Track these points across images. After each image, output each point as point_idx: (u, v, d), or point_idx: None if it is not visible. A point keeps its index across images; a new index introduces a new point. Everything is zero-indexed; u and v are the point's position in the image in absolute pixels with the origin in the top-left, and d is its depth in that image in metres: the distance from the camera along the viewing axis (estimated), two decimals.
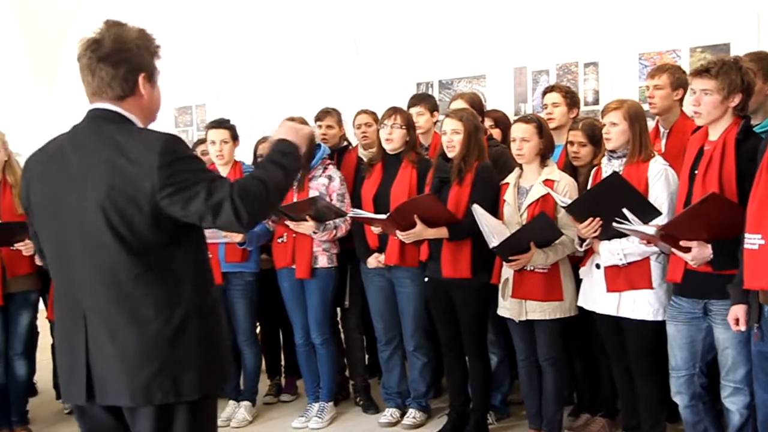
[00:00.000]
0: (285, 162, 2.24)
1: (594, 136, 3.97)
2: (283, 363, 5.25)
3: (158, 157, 2.05)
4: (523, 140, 3.84)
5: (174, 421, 2.17)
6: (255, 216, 2.13)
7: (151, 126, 2.29)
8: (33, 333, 4.63)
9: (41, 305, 4.66)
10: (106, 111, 2.19)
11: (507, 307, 3.89)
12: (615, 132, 3.57)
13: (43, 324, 4.58)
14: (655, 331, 3.48)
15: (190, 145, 5.95)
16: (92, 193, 2.09)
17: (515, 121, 4.06)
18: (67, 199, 2.15)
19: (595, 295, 3.66)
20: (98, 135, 2.15)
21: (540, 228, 3.69)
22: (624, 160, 3.57)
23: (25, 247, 4.25)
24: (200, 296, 2.21)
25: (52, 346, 4.22)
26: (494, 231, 3.74)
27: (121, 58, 2.15)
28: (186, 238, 2.19)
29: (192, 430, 2.19)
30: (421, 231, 3.96)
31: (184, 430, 2.18)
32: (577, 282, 3.83)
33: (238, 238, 4.38)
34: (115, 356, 2.12)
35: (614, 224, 3.19)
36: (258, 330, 4.92)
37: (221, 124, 4.59)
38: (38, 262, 4.28)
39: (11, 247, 4.26)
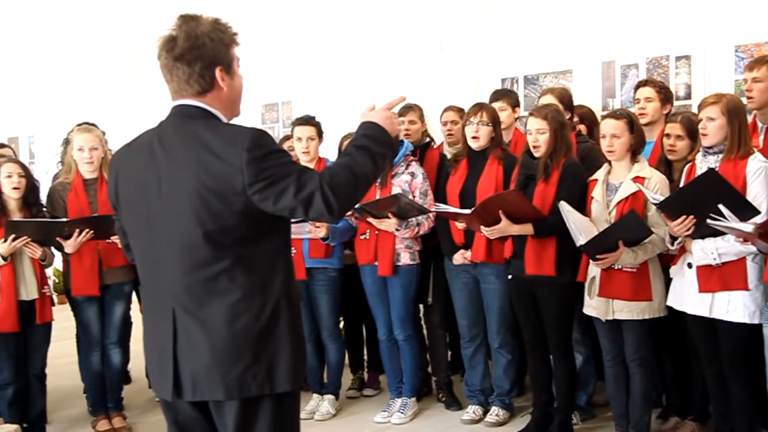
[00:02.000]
0: (376, 149, 2.17)
1: (692, 130, 3.84)
2: (366, 358, 5.29)
3: (246, 153, 2.04)
4: (613, 137, 3.75)
5: (259, 415, 2.16)
6: (344, 206, 2.11)
7: (237, 121, 2.27)
8: (127, 323, 4.79)
9: (134, 296, 4.82)
10: (189, 107, 2.18)
11: (593, 306, 3.82)
12: (712, 127, 3.45)
13: (136, 314, 4.73)
14: (751, 334, 3.36)
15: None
16: (180, 191, 2.10)
17: (604, 117, 3.97)
18: (156, 197, 2.15)
19: (687, 296, 3.56)
20: (184, 132, 2.15)
21: (629, 226, 3.61)
22: (720, 156, 3.46)
23: None
24: (288, 287, 2.20)
25: None
26: (581, 228, 3.67)
27: (196, 56, 2.13)
28: (274, 229, 2.18)
29: (276, 424, 2.18)
30: (506, 227, 3.92)
31: (268, 424, 2.16)
32: (667, 281, 3.73)
33: (321, 233, 4.43)
34: (206, 351, 2.11)
35: (709, 221, 3.09)
36: (342, 325, 4.97)
37: (308, 121, 4.65)
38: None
39: (108, 240, 4.40)
